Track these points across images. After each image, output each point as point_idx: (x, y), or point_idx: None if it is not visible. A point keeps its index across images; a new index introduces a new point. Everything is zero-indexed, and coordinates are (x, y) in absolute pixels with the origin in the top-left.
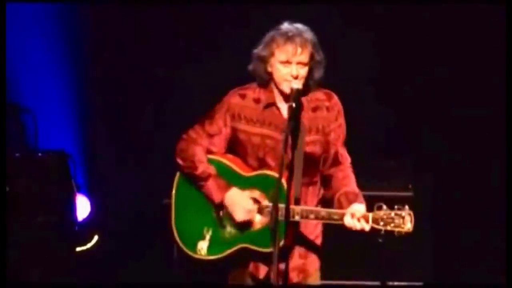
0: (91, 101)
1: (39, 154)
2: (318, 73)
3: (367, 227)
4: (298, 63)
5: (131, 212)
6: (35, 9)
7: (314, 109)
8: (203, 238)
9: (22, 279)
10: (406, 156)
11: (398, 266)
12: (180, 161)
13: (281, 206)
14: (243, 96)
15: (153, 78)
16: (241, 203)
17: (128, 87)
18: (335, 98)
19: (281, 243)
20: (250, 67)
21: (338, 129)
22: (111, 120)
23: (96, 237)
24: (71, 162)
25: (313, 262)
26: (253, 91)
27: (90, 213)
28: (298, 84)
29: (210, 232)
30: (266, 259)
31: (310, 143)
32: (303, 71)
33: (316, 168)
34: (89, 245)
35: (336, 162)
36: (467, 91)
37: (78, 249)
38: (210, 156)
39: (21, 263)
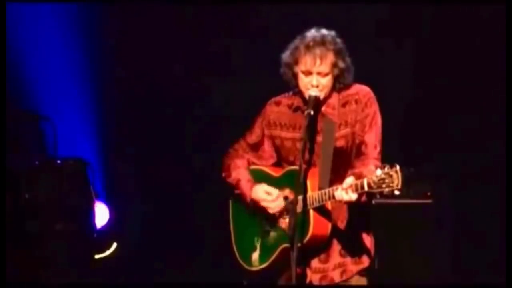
0: (110, 108)
1: (58, 162)
2: (346, 79)
3: (353, 197)
4: (318, 73)
5: (149, 219)
6: (55, 17)
7: (344, 104)
8: (255, 249)
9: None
10: (425, 164)
11: (417, 271)
12: (222, 174)
13: (301, 197)
14: (278, 103)
15: (172, 84)
16: (262, 196)
17: (147, 95)
18: (365, 90)
19: (309, 233)
20: (281, 70)
21: (364, 119)
22: (130, 127)
23: (114, 244)
24: (90, 169)
25: (357, 260)
26: (288, 97)
27: (109, 221)
28: (316, 92)
29: (259, 242)
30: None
31: (340, 137)
32: (324, 80)
33: (349, 163)
34: (107, 252)
35: (359, 152)
36: (475, 95)
37: (97, 256)
38: (252, 167)
39: (40, 270)
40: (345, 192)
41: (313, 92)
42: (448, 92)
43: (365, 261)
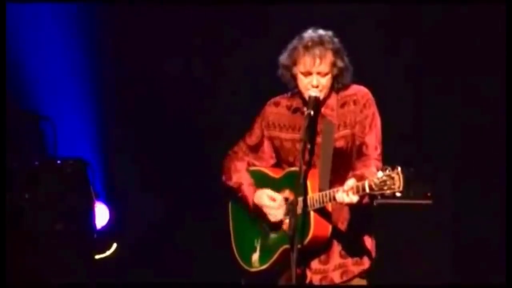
0: (110, 108)
1: (58, 162)
2: (344, 79)
3: (354, 199)
4: (318, 73)
5: (149, 219)
6: (55, 17)
7: (342, 105)
8: (255, 250)
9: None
10: (425, 164)
11: (417, 271)
12: (223, 177)
13: (301, 198)
14: (277, 104)
15: (173, 84)
16: (266, 202)
17: (148, 95)
18: (364, 91)
19: (309, 235)
20: (278, 72)
21: (364, 120)
22: (130, 127)
23: (114, 245)
24: (90, 170)
25: (357, 261)
26: (287, 98)
27: (109, 221)
28: (316, 92)
29: (259, 243)
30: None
31: (339, 138)
32: (324, 80)
33: (350, 164)
34: (107, 253)
35: (360, 153)
36: (475, 95)
37: (97, 256)
38: (251, 168)
39: (39, 271)
40: (346, 194)
41: (313, 93)
42: (448, 92)
43: (366, 262)
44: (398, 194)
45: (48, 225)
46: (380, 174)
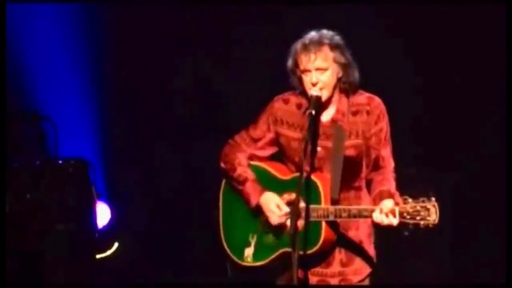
0: (111, 108)
1: (60, 162)
2: (350, 76)
3: (394, 222)
4: (317, 69)
5: (151, 219)
6: (55, 17)
7: (355, 113)
8: (249, 245)
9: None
10: (426, 163)
11: (417, 271)
12: (222, 164)
13: (316, 207)
14: (286, 101)
15: (174, 84)
16: (272, 208)
17: (149, 95)
18: (376, 101)
19: (318, 245)
20: (290, 80)
21: (379, 133)
22: (131, 127)
23: (116, 244)
24: (91, 169)
25: (357, 271)
26: (296, 97)
27: (110, 220)
28: (317, 92)
29: (255, 239)
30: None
31: (350, 147)
32: (324, 76)
33: (358, 173)
34: (109, 252)
35: (377, 166)
36: (476, 95)
37: (98, 256)
38: (252, 162)
39: (40, 270)
40: (386, 216)
41: (314, 92)
42: (448, 92)
43: (366, 270)
44: (431, 226)
45: (49, 225)
46: (411, 202)
